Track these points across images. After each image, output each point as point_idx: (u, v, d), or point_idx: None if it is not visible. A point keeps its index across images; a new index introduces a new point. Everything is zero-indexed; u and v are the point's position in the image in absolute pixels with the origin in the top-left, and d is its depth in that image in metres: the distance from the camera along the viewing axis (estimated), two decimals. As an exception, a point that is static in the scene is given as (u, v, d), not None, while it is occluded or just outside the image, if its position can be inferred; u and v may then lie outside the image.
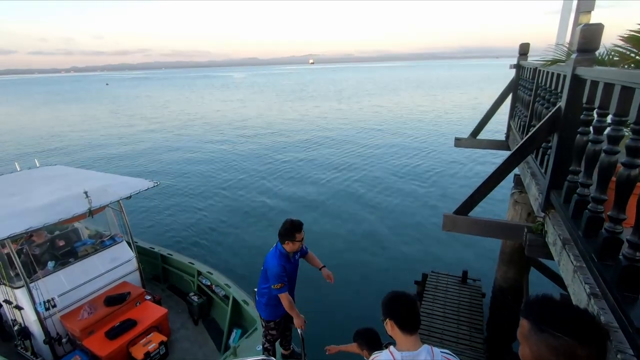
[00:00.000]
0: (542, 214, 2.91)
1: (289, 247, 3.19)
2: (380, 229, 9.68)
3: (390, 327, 1.78)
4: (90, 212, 4.39)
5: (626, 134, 1.83)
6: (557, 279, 5.69)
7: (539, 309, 0.95)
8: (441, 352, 1.73)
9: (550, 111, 2.87)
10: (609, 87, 1.86)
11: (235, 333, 4.77)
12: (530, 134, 2.98)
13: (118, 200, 4.80)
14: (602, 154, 1.88)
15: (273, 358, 3.08)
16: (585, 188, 2.16)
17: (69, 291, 4.55)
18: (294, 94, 51.51)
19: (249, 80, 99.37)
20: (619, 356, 1.49)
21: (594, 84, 2.09)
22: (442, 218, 3.33)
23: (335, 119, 27.43)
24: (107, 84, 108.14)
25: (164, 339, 4.51)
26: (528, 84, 4.65)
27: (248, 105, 38.85)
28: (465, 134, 6.58)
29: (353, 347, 2.69)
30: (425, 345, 1.72)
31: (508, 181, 6.37)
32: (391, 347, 1.74)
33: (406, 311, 1.71)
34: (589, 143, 2.10)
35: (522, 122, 4.75)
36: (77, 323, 4.34)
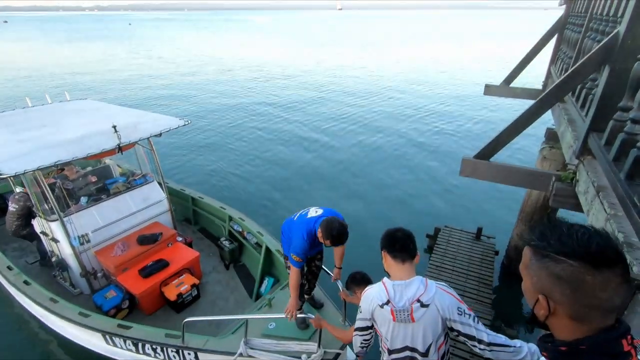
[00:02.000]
0: (576, 162, 2.58)
1: (322, 241, 2.73)
2: (400, 182, 9.41)
3: (384, 259, 1.69)
4: (120, 149, 4.23)
5: None
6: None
7: (542, 233, 0.74)
8: (436, 283, 1.63)
9: (603, 41, 2.42)
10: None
11: (267, 281, 4.70)
12: (574, 67, 2.56)
13: (148, 138, 4.59)
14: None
15: (312, 315, 2.81)
16: (637, 124, 1.82)
17: (102, 227, 4.58)
18: (324, 40, 49.11)
19: (274, 25, 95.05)
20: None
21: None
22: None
23: (363, 69, 26.13)
24: (129, 24, 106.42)
25: (196, 281, 4.50)
26: (579, 20, 4.03)
27: (281, 51, 37.44)
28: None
29: (353, 299, 2.62)
30: (419, 276, 1.63)
31: (540, 137, 5.88)
32: (384, 278, 1.66)
33: (396, 239, 1.65)
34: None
35: (565, 66, 4.20)
36: (111, 259, 4.40)
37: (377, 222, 7.57)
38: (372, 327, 1.73)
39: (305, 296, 3.40)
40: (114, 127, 4.16)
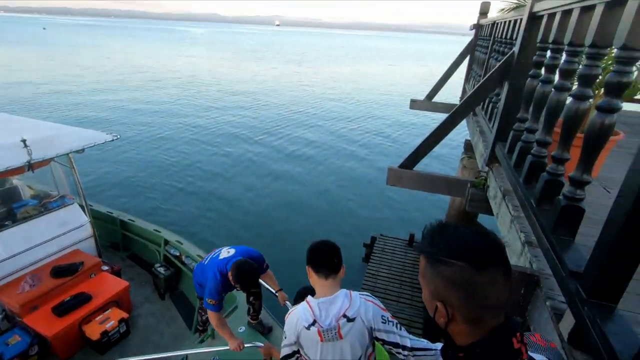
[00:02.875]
0: (486, 169, 2.80)
1: (233, 284, 2.64)
2: (332, 193, 9.57)
3: (309, 275, 1.61)
4: (30, 166, 3.63)
5: (579, 68, 1.65)
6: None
7: (432, 239, 0.75)
8: (359, 294, 1.58)
9: (502, 59, 2.69)
10: (566, 15, 1.66)
11: None
12: (480, 82, 2.81)
13: (67, 154, 4.01)
14: (552, 92, 1.71)
15: (260, 343, 2.63)
16: (530, 134, 2.02)
17: (6, 259, 3.86)
18: (261, 53, 49.05)
19: (210, 37, 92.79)
20: (547, 302, 1.36)
21: (551, 17, 1.89)
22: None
23: (298, 82, 26.54)
24: (44, 29, 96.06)
25: (125, 315, 3.94)
26: (485, 42, 4.49)
27: (213, 62, 36.36)
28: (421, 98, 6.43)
29: None
30: (343, 290, 1.57)
31: (459, 149, 6.40)
32: (308, 297, 1.57)
33: (318, 253, 1.58)
34: (540, 84, 1.93)
35: (475, 83, 4.63)
36: (16, 297, 3.69)
37: (318, 235, 7.57)
38: (298, 351, 1.62)
39: (253, 321, 3.20)
40: (23, 141, 3.57)
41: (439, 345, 1.58)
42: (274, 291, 3.03)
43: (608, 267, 1.02)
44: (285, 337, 1.59)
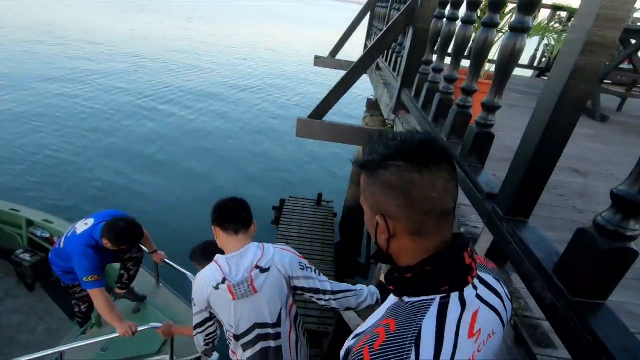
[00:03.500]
0: (392, 117, 2.84)
1: (114, 247, 2.26)
2: (235, 158, 9.10)
3: (216, 235, 1.43)
4: None
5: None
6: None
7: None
8: (273, 245, 1.47)
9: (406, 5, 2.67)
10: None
11: None
12: (386, 27, 2.77)
13: None
14: (459, 27, 1.70)
15: (158, 324, 2.24)
16: (437, 73, 2.04)
17: None
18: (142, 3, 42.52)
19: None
20: (462, 229, 1.39)
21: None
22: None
23: (188, 39, 23.98)
24: None
25: None
26: (385, -4, 4.52)
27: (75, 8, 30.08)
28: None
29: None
30: (254, 242, 1.43)
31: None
32: (217, 256, 1.40)
33: (225, 209, 1.42)
34: (445, 23, 1.93)
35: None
36: None
37: None
38: (212, 317, 1.46)
39: (121, 291, 2.81)
40: None
41: (359, 286, 1.53)
42: (149, 252, 2.76)
43: (522, 188, 1.04)
44: (195, 305, 1.42)
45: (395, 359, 0.55)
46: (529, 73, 6.39)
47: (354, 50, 6.48)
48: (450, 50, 1.94)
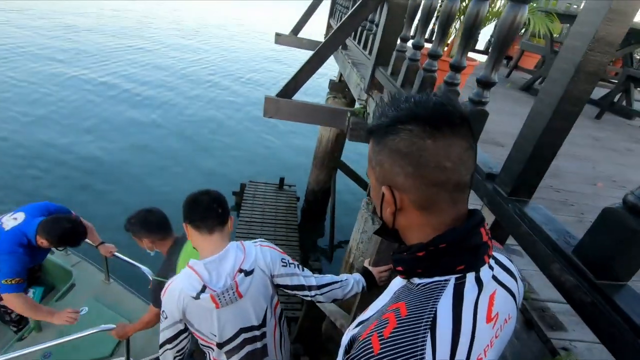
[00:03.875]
0: (365, 97, 2.75)
1: (43, 244, 1.99)
2: (190, 144, 8.58)
3: (188, 234, 1.28)
4: None
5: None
6: (359, 181, 6.41)
7: (382, 112, 0.59)
8: (253, 242, 1.37)
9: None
10: None
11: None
12: (358, 3, 2.64)
13: None
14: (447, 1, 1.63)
15: (111, 325, 1.97)
16: (417, 50, 1.97)
17: None
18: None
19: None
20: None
21: None
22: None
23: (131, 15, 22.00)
24: None
25: None
26: (351, -28, 4.35)
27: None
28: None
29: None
30: (232, 242, 1.30)
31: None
32: (190, 261, 1.25)
33: (196, 204, 1.25)
34: (427, -4, 1.85)
35: (342, 16, 4.53)
36: None
37: (180, 189, 6.69)
38: (185, 330, 1.32)
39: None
40: None
41: (344, 276, 1.46)
42: (94, 245, 2.53)
43: (527, 167, 1.00)
44: (166, 317, 1.27)
45: (410, 346, 0.49)
46: (483, 58, 6.63)
47: (312, 28, 6.27)
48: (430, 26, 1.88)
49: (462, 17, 2.31)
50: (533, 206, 1.00)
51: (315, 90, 10.82)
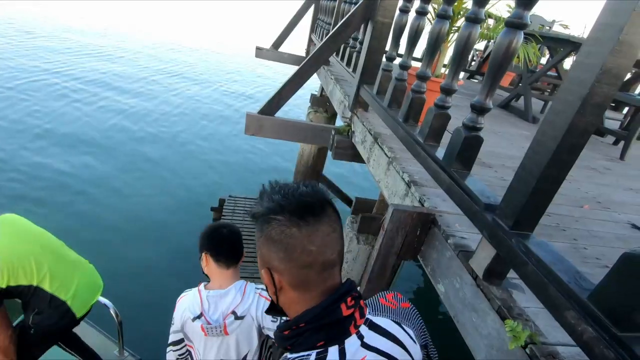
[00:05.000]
0: (349, 115, 2.70)
1: None
2: (167, 158, 8.30)
3: (205, 262, 1.42)
4: None
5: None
6: (343, 197, 6.33)
7: (260, 200, 0.68)
8: (256, 287, 1.47)
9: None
10: None
11: None
12: (342, 21, 2.61)
13: None
14: (435, 22, 1.60)
15: None
16: (404, 70, 1.93)
17: None
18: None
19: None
20: (450, 240, 1.28)
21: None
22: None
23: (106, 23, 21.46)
24: None
25: None
26: (333, -11, 4.36)
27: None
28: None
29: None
30: (238, 282, 1.44)
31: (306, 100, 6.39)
32: (201, 285, 1.44)
33: (223, 239, 1.39)
34: (414, 17, 1.82)
35: (324, 31, 4.52)
36: None
37: (156, 213, 6.38)
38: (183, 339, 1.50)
39: None
40: None
41: None
42: None
43: (531, 199, 0.96)
44: (173, 323, 1.46)
45: None
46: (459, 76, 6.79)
47: (293, 43, 6.25)
48: (414, 46, 1.86)
49: (449, 37, 2.31)
50: (538, 241, 0.94)
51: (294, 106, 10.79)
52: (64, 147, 7.62)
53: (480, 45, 7.01)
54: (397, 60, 2.08)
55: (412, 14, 1.95)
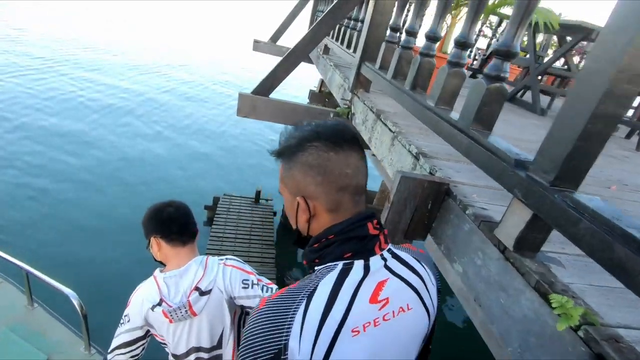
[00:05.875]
0: (349, 96, 2.52)
1: None
2: (159, 154, 8.08)
3: (156, 248, 1.25)
4: None
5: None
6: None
7: (287, 138, 0.69)
8: (219, 259, 1.33)
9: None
10: None
11: None
12: (344, -4, 2.45)
13: None
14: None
15: None
16: (411, 37, 1.75)
17: None
18: None
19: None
20: (468, 211, 1.09)
21: None
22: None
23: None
24: None
25: None
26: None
27: None
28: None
29: None
30: (198, 257, 1.29)
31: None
32: (156, 271, 1.27)
33: (171, 218, 1.24)
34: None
35: (324, 22, 4.38)
36: None
37: (145, 204, 6.18)
38: (146, 336, 1.29)
39: None
40: None
41: None
42: None
43: (576, 148, 0.76)
44: (128, 321, 1.26)
45: (285, 306, 0.59)
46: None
47: (289, 38, 6.10)
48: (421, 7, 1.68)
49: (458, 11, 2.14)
50: (588, 197, 0.75)
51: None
52: (77, 144, 7.41)
53: (482, 44, 6.91)
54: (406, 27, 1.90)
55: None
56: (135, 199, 6.24)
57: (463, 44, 1.26)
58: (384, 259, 0.66)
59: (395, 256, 0.69)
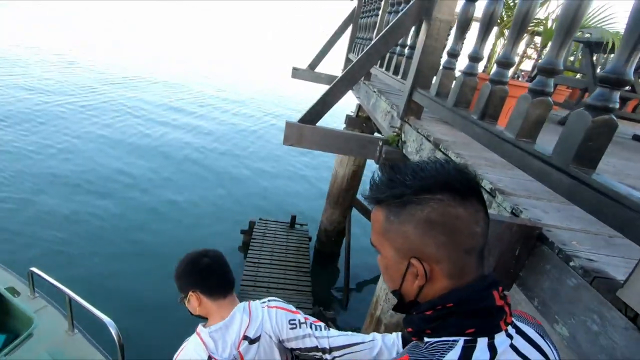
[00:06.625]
0: (399, 124, 2.42)
1: None
2: (197, 179, 8.25)
3: (196, 303, 1.18)
4: None
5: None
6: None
7: (390, 180, 0.57)
8: (261, 302, 1.29)
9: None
10: None
11: None
12: (394, 22, 2.40)
13: None
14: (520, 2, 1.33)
15: None
16: (475, 62, 1.65)
17: None
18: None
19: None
20: (573, 263, 0.93)
21: None
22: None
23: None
24: None
25: None
26: (374, 5, 4.24)
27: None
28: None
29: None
30: (240, 304, 1.23)
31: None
32: (199, 327, 1.19)
33: (208, 270, 1.17)
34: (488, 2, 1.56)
35: (364, 48, 4.37)
36: None
37: (186, 243, 6.22)
38: None
39: None
40: None
41: (368, 337, 1.21)
42: None
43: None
44: None
45: None
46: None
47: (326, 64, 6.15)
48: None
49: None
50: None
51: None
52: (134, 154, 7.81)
53: (527, 66, 6.66)
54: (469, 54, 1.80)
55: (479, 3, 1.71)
56: (167, 223, 6.36)
57: (550, 71, 1.14)
58: (510, 337, 0.57)
59: (520, 332, 0.60)
